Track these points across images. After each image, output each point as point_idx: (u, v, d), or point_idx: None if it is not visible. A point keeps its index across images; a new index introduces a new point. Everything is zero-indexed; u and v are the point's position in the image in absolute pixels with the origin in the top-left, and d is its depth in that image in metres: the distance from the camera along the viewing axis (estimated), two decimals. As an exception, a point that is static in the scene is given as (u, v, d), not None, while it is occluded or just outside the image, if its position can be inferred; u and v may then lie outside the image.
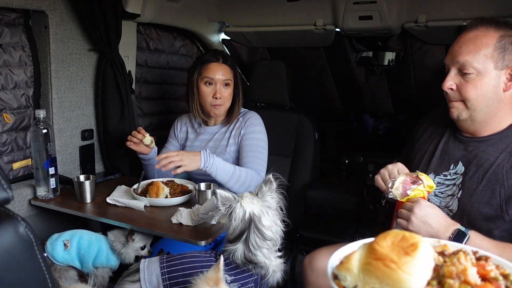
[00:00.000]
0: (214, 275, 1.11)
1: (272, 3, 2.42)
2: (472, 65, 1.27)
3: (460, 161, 1.39)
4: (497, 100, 1.29)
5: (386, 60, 2.53)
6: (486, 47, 1.26)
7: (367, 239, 0.80)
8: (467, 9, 2.01)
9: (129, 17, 2.11)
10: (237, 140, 1.98)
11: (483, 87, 1.28)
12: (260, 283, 1.31)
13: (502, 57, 1.25)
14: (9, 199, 0.65)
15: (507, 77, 1.27)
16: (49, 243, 1.65)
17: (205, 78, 1.93)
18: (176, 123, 2.17)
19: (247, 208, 1.25)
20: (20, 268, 0.65)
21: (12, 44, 1.79)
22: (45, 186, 1.75)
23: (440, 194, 1.42)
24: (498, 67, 1.26)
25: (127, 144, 1.92)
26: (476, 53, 1.26)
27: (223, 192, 1.28)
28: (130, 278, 1.39)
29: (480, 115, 1.32)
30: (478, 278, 0.69)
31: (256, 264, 1.27)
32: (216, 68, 1.94)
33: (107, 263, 1.68)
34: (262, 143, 1.96)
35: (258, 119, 2.03)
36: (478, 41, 1.27)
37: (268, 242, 1.26)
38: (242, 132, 1.98)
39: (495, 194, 1.28)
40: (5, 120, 1.80)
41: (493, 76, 1.27)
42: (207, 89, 1.94)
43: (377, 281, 0.66)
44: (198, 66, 1.97)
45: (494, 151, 1.32)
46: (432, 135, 1.52)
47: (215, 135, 2.03)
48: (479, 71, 1.27)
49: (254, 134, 1.97)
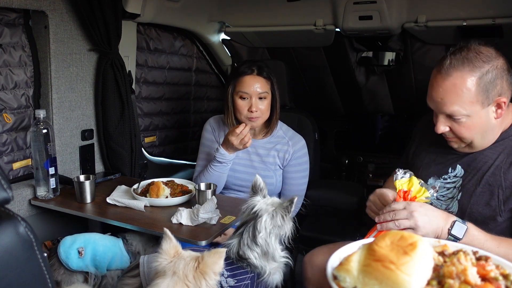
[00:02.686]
0: (170, 245, 1.14)
1: (272, 3, 2.42)
2: (460, 113, 1.27)
3: (458, 164, 1.40)
4: (491, 128, 1.32)
5: (386, 60, 2.53)
6: (468, 94, 1.25)
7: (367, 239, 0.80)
8: (467, 9, 2.01)
9: (129, 17, 2.11)
10: (283, 164, 1.98)
11: (475, 126, 1.29)
12: (256, 281, 1.31)
13: (487, 96, 1.25)
14: (9, 199, 0.65)
15: (496, 107, 1.28)
16: (62, 250, 1.60)
17: (240, 93, 1.87)
18: (212, 126, 2.06)
19: (258, 205, 1.27)
20: (20, 268, 0.65)
21: (12, 44, 1.79)
22: (45, 186, 1.75)
23: (441, 197, 1.43)
24: (485, 105, 1.26)
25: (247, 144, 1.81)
26: (461, 101, 1.26)
27: (260, 180, 1.32)
28: (130, 274, 1.42)
29: (479, 142, 1.34)
30: (478, 278, 0.69)
31: (248, 262, 1.28)
32: (251, 82, 1.87)
33: (121, 265, 1.68)
34: (308, 169, 2.02)
35: (306, 147, 2.02)
36: (458, 90, 1.25)
37: (257, 248, 1.26)
38: (289, 158, 1.96)
39: (493, 196, 1.30)
40: (5, 120, 1.80)
41: (483, 114, 1.28)
42: (242, 103, 1.88)
43: (376, 282, 0.66)
44: (232, 79, 1.91)
45: (492, 153, 1.33)
46: (429, 140, 1.53)
47: (259, 150, 1.98)
48: (468, 115, 1.28)
49: (303, 166, 2.00)
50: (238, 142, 1.79)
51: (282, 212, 1.26)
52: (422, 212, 1.18)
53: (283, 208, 1.26)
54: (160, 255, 1.13)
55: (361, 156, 2.95)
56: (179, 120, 2.83)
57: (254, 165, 1.97)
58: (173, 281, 1.08)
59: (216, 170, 1.89)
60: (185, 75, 2.81)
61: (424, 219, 1.17)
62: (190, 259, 1.11)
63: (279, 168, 1.98)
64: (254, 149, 1.98)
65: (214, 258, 1.09)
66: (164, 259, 1.12)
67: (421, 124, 1.62)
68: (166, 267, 1.11)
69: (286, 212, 1.26)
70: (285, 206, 1.26)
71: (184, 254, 1.13)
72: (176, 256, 1.13)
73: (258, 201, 1.29)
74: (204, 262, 1.09)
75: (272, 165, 1.97)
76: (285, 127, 2.04)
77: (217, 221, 1.54)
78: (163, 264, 1.12)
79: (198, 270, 1.08)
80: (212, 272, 1.09)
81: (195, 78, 2.87)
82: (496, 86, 1.25)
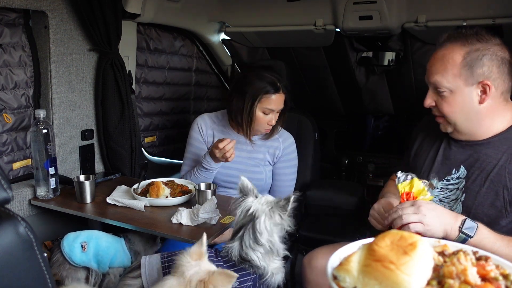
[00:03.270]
0: (198, 249, 1.14)
1: (272, 3, 2.42)
2: (443, 84, 1.30)
3: (462, 165, 1.39)
4: (475, 113, 1.31)
5: (386, 60, 2.52)
6: (452, 66, 1.28)
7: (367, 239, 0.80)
8: (467, 9, 2.01)
9: (129, 17, 2.11)
10: (273, 160, 2.01)
11: (457, 104, 1.31)
12: (259, 282, 1.31)
13: (471, 73, 1.26)
14: (9, 199, 0.65)
15: (481, 90, 1.28)
16: (66, 244, 1.64)
17: (266, 109, 1.89)
18: (200, 126, 2.06)
19: (253, 206, 1.27)
20: (20, 268, 0.65)
21: (12, 44, 1.79)
22: (45, 186, 1.75)
23: (444, 199, 1.41)
24: (468, 84, 1.28)
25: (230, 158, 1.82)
26: (445, 72, 1.29)
27: (246, 181, 1.31)
28: (132, 274, 1.41)
29: (463, 127, 1.34)
30: (478, 278, 0.69)
31: (251, 264, 1.28)
32: (278, 100, 1.90)
33: (123, 263, 1.70)
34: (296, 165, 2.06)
35: (295, 144, 2.06)
36: (445, 60, 1.29)
37: (260, 248, 1.26)
38: (279, 154, 2.00)
39: (498, 196, 1.28)
40: (5, 120, 1.80)
41: (465, 93, 1.29)
42: (264, 118, 1.90)
43: (376, 282, 0.66)
44: (258, 94, 1.87)
45: (496, 153, 1.32)
46: (431, 141, 1.52)
47: (249, 146, 2.00)
48: (450, 89, 1.30)
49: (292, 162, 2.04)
50: (220, 156, 1.81)
51: (280, 211, 1.26)
52: (429, 207, 1.18)
53: (279, 207, 1.26)
54: (185, 254, 1.14)
55: (361, 156, 2.95)
56: (179, 120, 2.83)
57: (244, 161, 1.99)
58: (178, 281, 1.09)
59: (202, 175, 1.92)
60: (185, 75, 2.81)
61: (432, 214, 1.16)
62: (203, 271, 1.11)
63: (269, 164, 2.01)
64: (244, 145, 1.99)
65: (223, 280, 1.08)
66: (185, 259, 1.13)
67: (422, 125, 1.61)
68: (183, 266, 1.12)
69: (283, 211, 1.26)
70: (282, 205, 1.26)
71: (203, 264, 1.13)
72: (197, 261, 1.13)
73: (252, 202, 1.29)
74: (213, 278, 1.08)
75: (262, 161, 1.99)
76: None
77: (217, 221, 1.55)
78: (183, 263, 1.13)
79: (203, 281, 1.09)
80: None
81: (195, 78, 2.87)
82: (483, 66, 1.26)
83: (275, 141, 2.01)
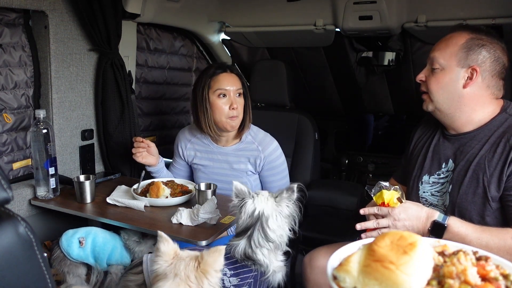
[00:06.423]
0: (168, 248, 1.12)
1: (272, 3, 2.42)
2: (438, 61, 1.38)
3: (450, 159, 1.44)
4: (457, 95, 1.37)
5: (386, 60, 2.52)
6: (453, 46, 1.36)
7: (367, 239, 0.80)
8: (467, 9, 2.01)
9: (129, 17, 2.11)
10: (256, 169, 1.92)
11: (444, 81, 1.37)
12: (259, 280, 1.31)
13: (466, 56, 1.34)
14: (9, 199, 0.65)
15: (468, 75, 1.34)
16: (64, 239, 1.68)
17: (218, 90, 1.81)
18: (179, 142, 2.04)
19: (257, 206, 1.27)
20: (20, 268, 0.65)
21: (12, 44, 1.79)
22: (45, 186, 1.75)
23: (437, 193, 1.46)
24: (460, 65, 1.35)
25: (134, 158, 1.89)
26: (444, 50, 1.37)
27: (239, 185, 1.31)
28: (134, 270, 1.43)
29: (443, 107, 1.40)
30: (478, 278, 0.69)
31: (254, 261, 1.28)
32: (227, 78, 1.84)
33: (121, 260, 1.71)
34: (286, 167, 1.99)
35: (278, 147, 1.94)
36: (449, 40, 1.38)
37: (271, 244, 1.27)
38: (261, 163, 1.90)
39: (479, 183, 1.33)
40: (5, 120, 1.80)
41: (454, 73, 1.36)
42: (221, 102, 1.82)
43: (376, 282, 0.66)
44: (206, 80, 1.84)
45: (478, 144, 1.37)
46: (424, 139, 1.57)
47: (229, 157, 1.93)
48: (443, 67, 1.37)
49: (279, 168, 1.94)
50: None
51: (286, 202, 1.29)
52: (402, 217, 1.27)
53: (285, 198, 1.29)
54: (160, 258, 1.12)
55: (361, 156, 2.95)
56: (179, 120, 2.83)
57: (226, 173, 1.93)
58: (176, 283, 1.07)
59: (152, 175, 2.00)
60: (185, 75, 2.81)
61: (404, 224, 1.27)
62: (190, 259, 1.10)
63: (252, 173, 1.93)
64: (224, 157, 1.94)
65: (214, 256, 1.09)
66: (164, 261, 1.11)
67: (419, 126, 1.66)
68: (167, 269, 1.10)
69: (289, 201, 1.29)
70: (287, 196, 1.29)
71: (183, 255, 1.13)
72: (175, 257, 1.12)
73: (254, 203, 1.28)
74: (205, 261, 1.08)
75: (244, 172, 1.92)
76: (254, 130, 1.97)
77: (217, 221, 1.55)
78: (164, 267, 1.11)
79: (199, 269, 1.08)
80: (213, 270, 1.08)
81: (195, 78, 2.87)
82: (479, 54, 1.33)
83: (255, 150, 1.90)
